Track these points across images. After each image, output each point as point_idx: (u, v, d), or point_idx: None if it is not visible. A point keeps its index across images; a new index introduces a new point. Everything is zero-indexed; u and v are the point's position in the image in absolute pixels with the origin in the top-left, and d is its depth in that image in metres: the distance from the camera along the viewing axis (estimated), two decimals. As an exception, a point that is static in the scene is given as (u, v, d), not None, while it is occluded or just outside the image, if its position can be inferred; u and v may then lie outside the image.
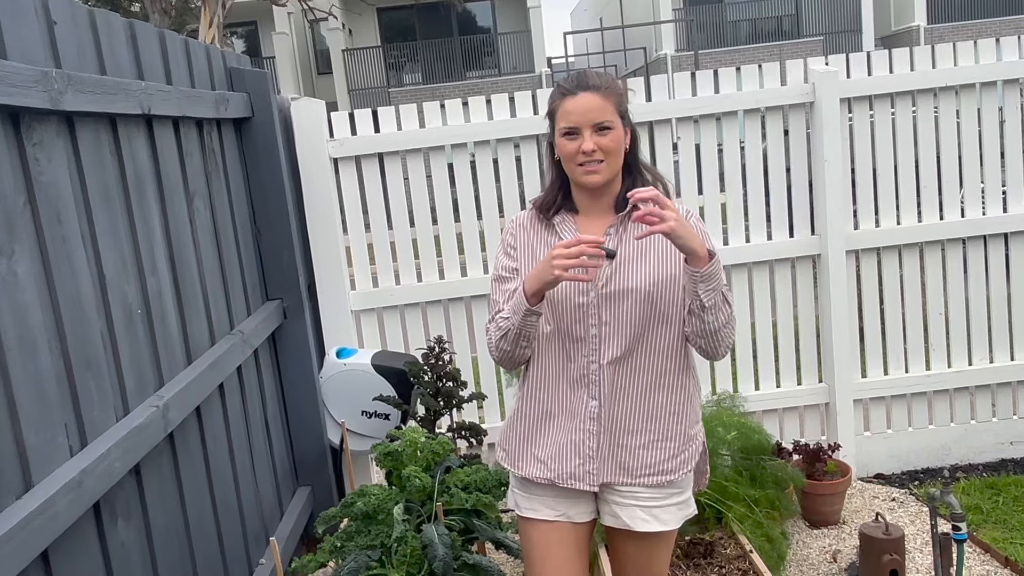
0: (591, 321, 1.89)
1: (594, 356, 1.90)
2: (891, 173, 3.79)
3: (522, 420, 2.02)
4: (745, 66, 3.77)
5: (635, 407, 1.94)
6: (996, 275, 3.87)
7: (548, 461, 1.96)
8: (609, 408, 1.92)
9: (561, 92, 1.90)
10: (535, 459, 1.98)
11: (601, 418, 1.92)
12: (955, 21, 22.36)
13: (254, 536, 2.77)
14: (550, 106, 1.94)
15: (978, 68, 3.72)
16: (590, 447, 1.93)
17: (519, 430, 2.02)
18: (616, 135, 1.86)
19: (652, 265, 1.90)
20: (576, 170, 1.88)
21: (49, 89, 1.69)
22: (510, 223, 2.04)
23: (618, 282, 1.88)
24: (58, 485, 1.59)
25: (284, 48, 22.38)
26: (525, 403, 2.01)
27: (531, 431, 2.00)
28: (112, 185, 2.02)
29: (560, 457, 1.95)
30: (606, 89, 1.87)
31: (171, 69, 2.45)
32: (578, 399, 1.93)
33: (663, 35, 22.04)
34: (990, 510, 3.48)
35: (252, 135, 3.11)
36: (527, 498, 2.02)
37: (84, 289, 1.83)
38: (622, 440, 1.94)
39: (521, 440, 2.02)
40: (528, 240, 1.99)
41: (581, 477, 1.94)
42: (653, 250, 1.91)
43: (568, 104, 1.87)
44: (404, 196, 3.71)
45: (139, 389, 2.04)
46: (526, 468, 2.00)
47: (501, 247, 2.04)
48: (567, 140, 1.87)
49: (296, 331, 3.26)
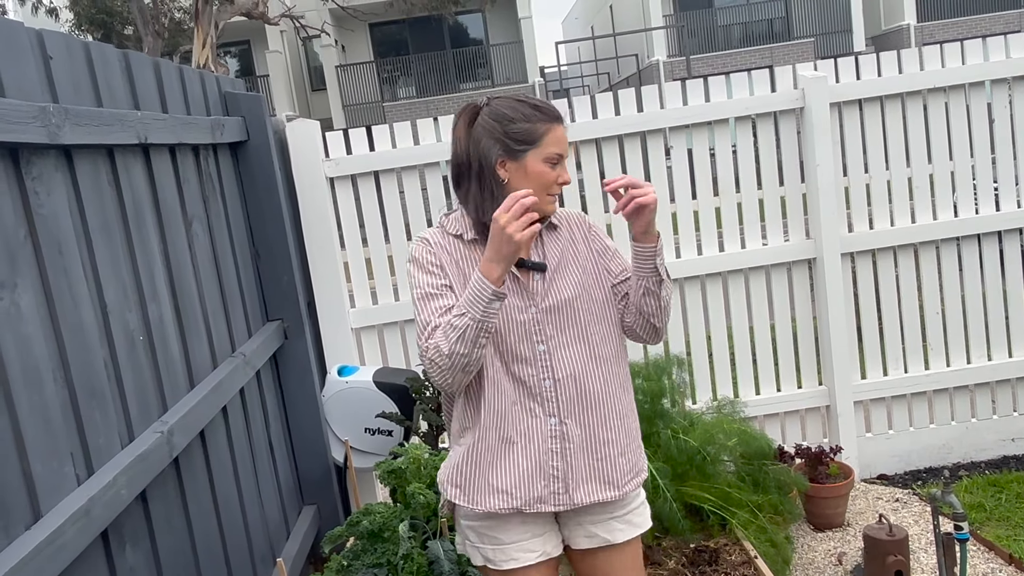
0: (536, 338, 1.85)
1: (546, 373, 1.85)
2: (883, 175, 3.82)
3: (476, 453, 1.87)
4: (735, 73, 3.80)
5: (603, 415, 1.89)
6: (991, 273, 3.89)
7: (511, 490, 1.84)
8: (573, 423, 1.86)
9: (549, 116, 1.85)
10: (495, 491, 1.85)
11: (566, 435, 1.85)
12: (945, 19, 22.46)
13: (261, 557, 2.79)
14: (528, 125, 1.83)
15: (966, 69, 3.76)
16: (556, 467, 1.85)
17: (473, 463, 1.88)
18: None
19: (578, 271, 1.92)
20: (544, 198, 1.84)
21: (47, 124, 1.72)
22: (420, 243, 1.90)
23: (555, 294, 1.88)
24: (66, 514, 1.61)
25: (278, 66, 22.48)
26: (477, 435, 1.87)
27: (488, 462, 1.86)
28: (111, 215, 2.04)
29: (524, 483, 1.84)
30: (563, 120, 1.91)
31: (166, 97, 2.48)
32: (536, 420, 1.85)
33: (654, 41, 22.14)
34: (993, 508, 3.49)
35: (248, 158, 3.13)
36: (499, 549, 1.89)
37: (86, 318, 1.85)
38: (600, 453, 1.88)
39: (477, 473, 1.87)
40: (452, 259, 1.88)
41: (546, 499, 1.85)
42: (572, 257, 1.93)
43: (557, 131, 1.85)
44: (400, 212, 3.74)
45: (143, 415, 2.06)
46: (486, 501, 1.86)
47: (415, 268, 1.87)
48: (549, 167, 1.83)
49: (297, 351, 3.28)
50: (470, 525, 1.93)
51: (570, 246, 1.95)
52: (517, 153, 1.83)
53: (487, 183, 1.85)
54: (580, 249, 1.95)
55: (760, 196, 3.82)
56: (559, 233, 1.96)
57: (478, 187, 1.87)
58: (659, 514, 3.01)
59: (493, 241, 1.72)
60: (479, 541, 1.92)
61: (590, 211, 3.78)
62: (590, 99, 3.73)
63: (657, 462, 3.10)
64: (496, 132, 1.84)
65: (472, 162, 1.86)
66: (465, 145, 1.88)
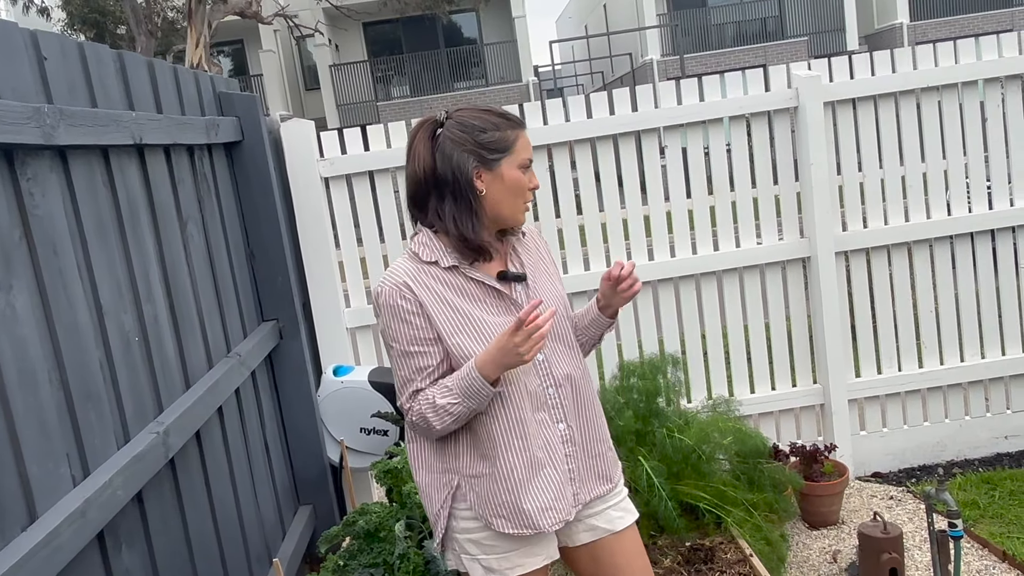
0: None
1: (548, 380, 1.88)
2: (877, 174, 3.83)
3: (508, 476, 1.83)
4: (729, 72, 3.81)
5: (593, 412, 1.96)
6: (984, 271, 3.91)
7: (553, 503, 1.85)
8: (575, 424, 1.91)
9: (516, 124, 1.84)
10: (539, 510, 1.84)
11: (572, 438, 1.90)
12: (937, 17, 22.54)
13: (257, 557, 2.79)
14: (498, 134, 1.81)
15: (959, 68, 3.77)
16: (571, 469, 1.89)
17: (508, 487, 1.84)
18: None
19: (552, 279, 1.99)
20: (520, 206, 1.85)
21: (42, 125, 1.71)
22: (395, 287, 1.80)
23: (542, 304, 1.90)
24: (62, 516, 1.61)
25: (271, 65, 22.45)
26: (506, 456, 1.83)
27: (522, 486, 1.83)
28: (106, 215, 2.04)
29: (561, 495, 1.87)
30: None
31: (161, 97, 2.47)
32: (548, 429, 1.87)
33: (648, 41, 22.16)
34: (987, 505, 3.51)
35: (243, 158, 3.13)
36: (504, 557, 1.87)
37: (82, 319, 1.85)
38: (595, 449, 1.94)
39: (516, 500, 1.83)
40: (434, 293, 1.81)
41: (572, 503, 1.90)
42: (541, 267, 1.99)
43: (524, 137, 1.84)
44: (396, 210, 3.74)
45: (139, 416, 2.06)
46: (539, 520, 1.84)
47: (392, 316, 1.80)
48: (523, 173, 1.83)
49: (293, 351, 3.28)
50: (471, 538, 1.89)
51: (537, 255, 2.00)
52: (491, 163, 1.80)
53: (464, 196, 1.80)
54: (545, 258, 2.01)
55: (755, 195, 3.83)
56: (527, 243, 1.99)
57: (453, 202, 1.80)
58: (654, 512, 3.02)
59: (501, 352, 1.71)
60: (481, 552, 1.88)
61: (585, 210, 3.78)
62: (585, 98, 3.74)
63: (652, 461, 3.11)
64: (467, 143, 1.79)
65: (445, 177, 1.79)
66: (430, 161, 1.81)
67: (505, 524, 1.84)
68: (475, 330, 1.81)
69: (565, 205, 3.77)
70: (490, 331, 1.80)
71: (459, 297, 1.82)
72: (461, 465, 1.87)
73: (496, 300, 1.85)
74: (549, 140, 3.67)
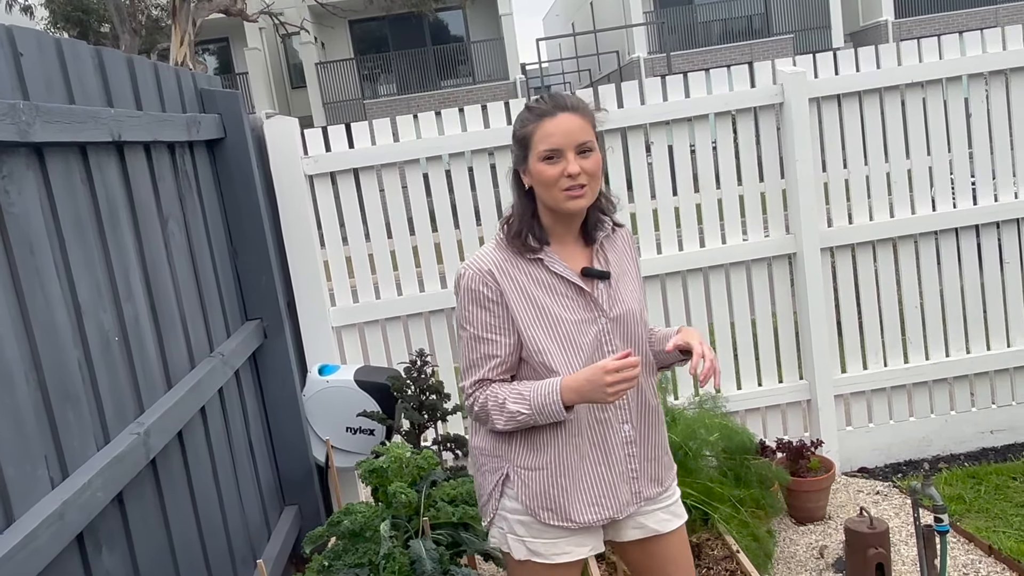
0: (607, 348, 1.89)
1: None
2: (862, 170, 3.83)
3: (561, 470, 1.88)
4: (715, 69, 3.81)
5: (657, 419, 1.99)
6: (969, 267, 3.92)
7: (602, 500, 1.90)
8: (641, 426, 1.94)
9: (536, 114, 1.82)
10: (588, 504, 1.90)
11: (636, 440, 1.93)
12: (922, 15, 22.65)
13: (241, 558, 2.76)
14: (521, 130, 1.84)
15: (943, 64, 3.78)
16: (633, 469, 1.94)
17: (561, 482, 1.88)
18: (597, 157, 1.82)
19: (634, 283, 1.98)
20: (559, 196, 1.80)
21: (17, 121, 1.69)
22: (479, 272, 1.85)
23: (620, 304, 1.92)
24: (40, 518, 1.58)
25: (257, 63, 22.32)
26: (556, 452, 1.88)
27: (573, 478, 1.89)
28: (84, 213, 2.01)
29: (611, 492, 1.91)
30: (583, 109, 1.83)
31: (141, 94, 2.44)
32: (610, 428, 1.90)
33: (635, 38, 22.17)
34: (972, 499, 3.52)
35: (225, 156, 3.10)
36: (550, 543, 1.91)
37: (59, 319, 1.83)
38: (653, 454, 1.97)
39: (567, 491, 1.89)
40: (515, 283, 1.85)
41: (629, 501, 1.94)
42: (629, 272, 1.99)
43: (548, 126, 1.79)
44: (381, 209, 3.72)
45: (119, 417, 2.04)
46: (584, 516, 1.90)
47: (471, 301, 1.85)
48: (547, 165, 1.79)
49: (277, 350, 3.25)
50: (520, 520, 1.92)
51: (624, 256, 1.99)
52: (523, 160, 1.86)
53: (521, 193, 1.89)
54: (631, 262, 2.02)
55: (740, 192, 3.83)
56: (615, 242, 1.99)
57: (517, 197, 1.91)
58: (642, 510, 3.01)
59: (589, 384, 1.75)
60: (528, 535, 1.92)
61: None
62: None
63: (639, 458, 3.10)
64: (513, 144, 1.89)
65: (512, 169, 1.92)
66: None
67: (551, 516, 1.89)
68: (551, 325, 1.85)
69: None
70: (565, 328, 1.84)
71: (540, 290, 1.86)
72: (513, 455, 1.92)
73: (576, 296, 1.88)
74: (535, 137, 3.65)
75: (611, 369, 1.72)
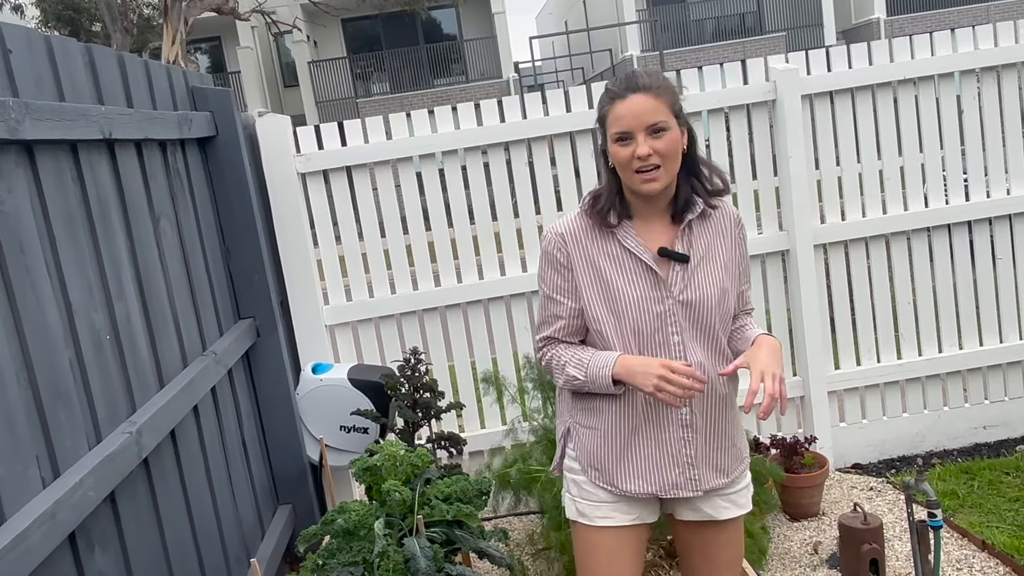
0: (671, 329, 1.88)
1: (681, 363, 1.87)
2: (854, 167, 3.84)
3: (611, 437, 1.94)
4: (707, 66, 3.81)
5: (723, 408, 1.94)
6: (961, 263, 3.93)
7: (647, 475, 1.92)
8: (700, 413, 1.91)
9: (610, 96, 1.85)
10: (632, 475, 1.93)
11: (694, 425, 1.91)
12: (914, 12, 22.71)
13: (235, 558, 2.75)
14: (600, 112, 1.89)
15: (935, 60, 3.79)
16: (688, 455, 1.92)
17: (610, 447, 1.94)
18: (672, 137, 1.81)
19: (719, 272, 1.92)
20: (633, 177, 1.82)
21: (7, 119, 1.67)
22: (554, 236, 1.93)
23: (693, 289, 1.89)
24: (31, 517, 1.57)
25: (249, 62, 22.26)
26: (610, 418, 1.93)
27: (623, 447, 1.93)
28: (75, 212, 2.00)
29: (659, 469, 1.92)
30: (657, 88, 1.82)
31: (132, 92, 2.43)
32: (665, 408, 1.89)
33: (628, 36, 22.20)
34: (966, 495, 3.53)
35: (217, 154, 3.09)
36: (595, 506, 1.97)
37: (51, 318, 1.82)
38: (717, 443, 1.94)
39: (614, 457, 1.94)
40: (585, 252, 1.91)
41: (683, 485, 1.93)
42: (719, 257, 1.93)
43: (619, 108, 1.81)
44: (374, 207, 3.71)
45: (111, 416, 2.03)
46: (626, 484, 1.94)
47: (545, 262, 1.95)
48: (620, 146, 1.81)
49: (270, 349, 3.24)
50: (574, 479, 2.01)
51: (718, 240, 1.94)
52: (604, 140, 1.89)
53: (608, 170, 1.92)
54: (727, 245, 1.95)
55: (734, 189, 3.83)
56: (709, 224, 1.94)
57: (605, 174, 1.93)
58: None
59: (643, 367, 1.79)
60: (579, 495, 1.99)
61: (564, 207, 3.77)
62: (563, 93, 3.72)
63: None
64: (596, 124, 1.94)
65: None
66: None
67: (598, 477, 1.96)
68: (610, 297, 1.88)
69: (545, 202, 3.75)
70: (624, 303, 1.87)
71: (607, 262, 1.89)
72: (576, 411, 2.00)
73: (644, 273, 1.88)
74: (528, 134, 3.66)
75: (669, 368, 1.76)
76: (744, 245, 2.01)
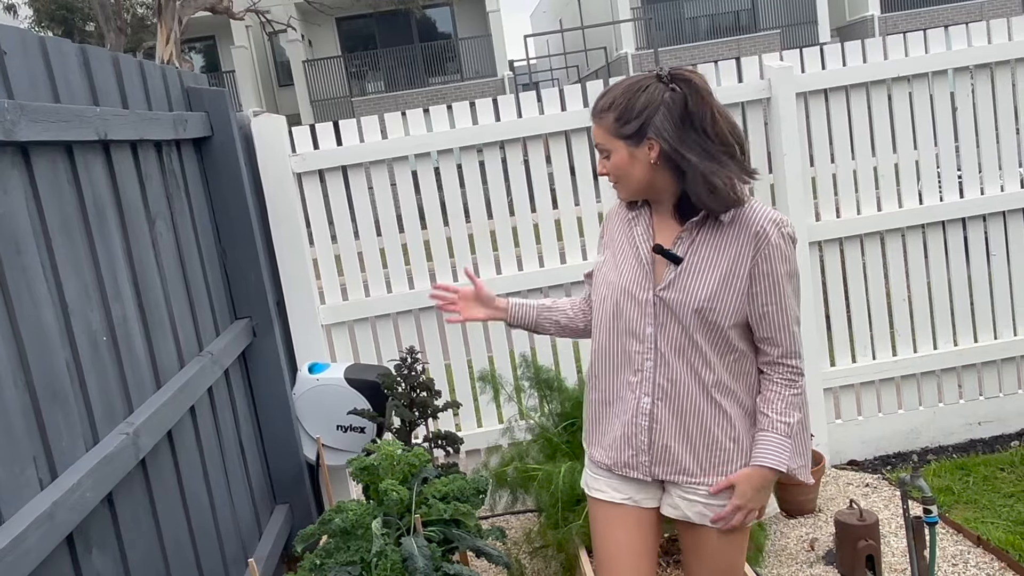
0: (647, 320, 1.92)
1: (649, 354, 1.93)
2: (849, 164, 3.85)
3: (591, 404, 2.10)
4: (702, 64, 3.81)
5: (691, 407, 1.91)
6: (956, 260, 3.94)
7: (608, 449, 2.04)
8: (665, 407, 1.93)
9: None
10: (600, 445, 2.07)
11: (654, 415, 1.95)
12: (908, 9, 22.76)
13: (233, 558, 2.76)
14: None
15: (929, 57, 3.79)
16: (642, 441, 1.98)
17: (591, 413, 2.11)
18: (616, 159, 1.88)
19: (711, 282, 1.86)
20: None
21: (2, 121, 1.67)
22: (607, 213, 2.15)
23: (676, 290, 1.88)
24: (29, 519, 1.57)
25: (244, 61, 22.23)
26: (591, 389, 2.10)
27: (598, 416, 2.08)
28: (71, 213, 2.00)
29: (616, 446, 2.02)
30: (600, 114, 1.89)
31: (127, 92, 2.43)
32: (631, 393, 1.97)
33: (623, 34, 22.20)
34: (961, 491, 3.55)
35: (213, 154, 3.09)
36: (595, 478, 2.10)
37: (47, 319, 1.81)
38: (685, 444, 1.94)
39: (593, 423, 2.10)
40: (614, 229, 2.07)
41: (635, 467, 2.00)
42: (719, 267, 1.86)
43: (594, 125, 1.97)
44: (370, 207, 3.71)
45: (108, 417, 2.03)
46: (593, 451, 2.10)
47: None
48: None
49: (267, 349, 3.24)
50: (588, 452, 2.15)
51: (726, 250, 1.86)
52: None
53: None
54: (736, 258, 1.85)
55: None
56: (721, 232, 1.87)
57: None
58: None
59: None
60: (589, 466, 2.14)
61: (560, 206, 3.77)
62: (559, 91, 3.72)
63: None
64: None
65: None
66: None
67: (587, 444, 2.14)
68: (608, 272, 2.02)
69: (540, 201, 3.76)
70: (616, 281, 1.98)
71: (619, 242, 2.03)
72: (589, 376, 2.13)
73: (635, 261, 1.97)
74: (523, 133, 3.66)
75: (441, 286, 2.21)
76: (771, 264, 1.85)
